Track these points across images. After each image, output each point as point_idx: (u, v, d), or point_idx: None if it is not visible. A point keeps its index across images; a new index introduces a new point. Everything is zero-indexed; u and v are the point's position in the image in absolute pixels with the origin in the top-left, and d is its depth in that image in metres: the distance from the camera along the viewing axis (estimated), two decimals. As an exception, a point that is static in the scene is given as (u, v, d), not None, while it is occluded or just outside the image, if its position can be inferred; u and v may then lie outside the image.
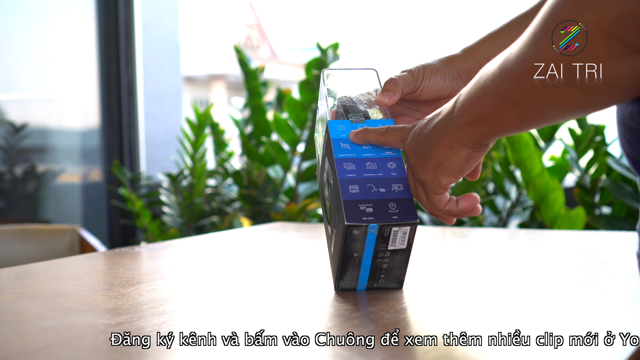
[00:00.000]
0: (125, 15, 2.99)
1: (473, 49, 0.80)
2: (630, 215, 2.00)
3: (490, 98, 0.62)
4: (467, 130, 0.65)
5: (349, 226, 0.69)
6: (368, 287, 0.75)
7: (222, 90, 11.60)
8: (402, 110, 0.82)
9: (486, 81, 0.62)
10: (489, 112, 0.63)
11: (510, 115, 0.62)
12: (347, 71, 0.83)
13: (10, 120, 2.98)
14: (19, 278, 0.89)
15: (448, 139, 0.66)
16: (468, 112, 0.64)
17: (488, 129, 0.64)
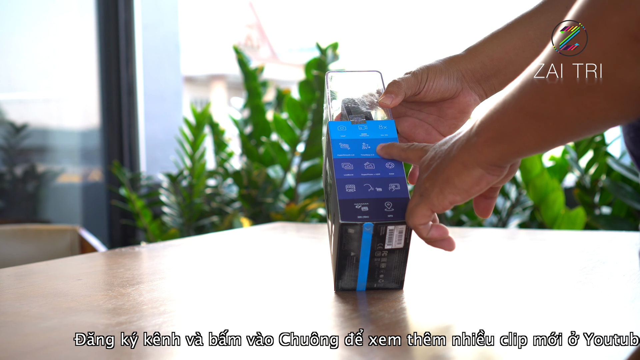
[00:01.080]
0: (125, 15, 2.99)
1: (477, 49, 0.79)
2: (630, 216, 2.00)
3: (510, 112, 0.59)
4: (483, 149, 0.63)
5: (344, 224, 0.70)
6: (368, 287, 0.75)
7: (222, 90, 11.60)
8: (405, 111, 0.82)
9: (507, 96, 0.60)
10: (508, 127, 0.60)
11: (531, 130, 0.59)
12: (351, 73, 0.84)
13: (11, 120, 2.98)
14: (19, 278, 0.90)
15: (463, 155, 0.65)
16: (486, 128, 0.62)
17: (506, 147, 0.62)
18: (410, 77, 0.78)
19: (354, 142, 0.77)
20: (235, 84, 10.44)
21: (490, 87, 0.80)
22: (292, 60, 10.44)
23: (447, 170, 0.66)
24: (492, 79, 0.79)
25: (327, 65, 2.35)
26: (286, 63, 10.77)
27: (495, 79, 0.79)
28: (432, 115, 0.81)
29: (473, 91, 0.79)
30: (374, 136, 0.77)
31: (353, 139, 0.77)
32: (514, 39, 0.78)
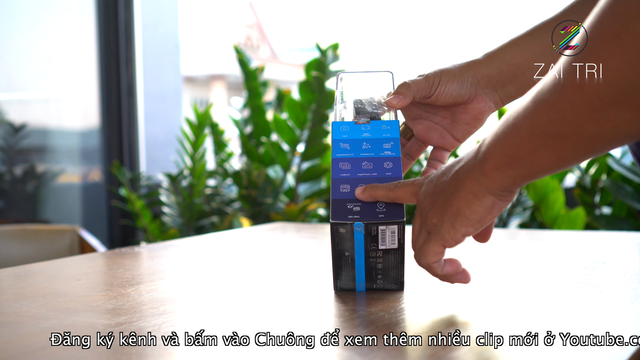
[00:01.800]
0: (125, 15, 2.99)
1: (495, 54, 0.78)
2: (630, 216, 2.00)
3: (522, 134, 0.56)
4: (494, 175, 0.60)
5: (334, 224, 0.70)
6: (367, 287, 0.75)
7: (222, 91, 11.60)
8: (420, 113, 0.81)
9: (517, 118, 0.56)
10: (521, 151, 0.56)
11: (547, 152, 0.55)
12: (362, 74, 0.84)
13: (10, 120, 2.98)
14: (19, 278, 0.89)
15: (472, 185, 0.61)
16: (496, 153, 0.59)
17: (519, 171, 0.58)
18: (422, 80, 0.77)
19: (355, 142, 0.77)
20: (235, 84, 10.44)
21: (506, 94, 0.78)
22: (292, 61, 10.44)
23: (456, 202, 0.63)
24: (508, 86, 0.77)
25: (327, 66, 2.35)
26: (286, 63, 10.77)
27: (512, 86, 0.77)
28: (446, 119, 0.80)
29: (488, 98, 0.78)
30: (375, 136, 0.77)
31: (354, 139, 0.77)
32: (533, 45, 0.76)
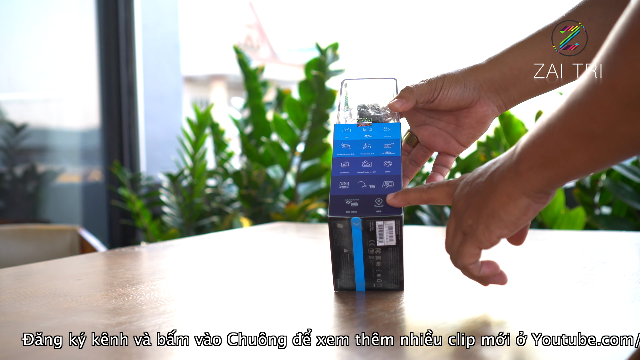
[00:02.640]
0: (125, 15, 2.99)
1: (497, 59, 0.78)
2: (630, 216, 2.00)
3: (556, 135, 0.56)
4: (529, 176, 0.60)
5: (332, 219, 0.70)
6: (367, 287, 0.75)
7: (222, 91, 11.60)
8: (424, 119, 0.82)
9: (550, 120, 0.57)
10: (555, 152, 0.57)
11: (580, 153, 0.55)
12: (366, 81, 0.84)
13: (11, 120, 2.98)
14: (19, 278, 0.89)
15: (507, 186, 0.62)
16: (530, 155, 0.59)
17: (553, 172, 0.58)
18: (424, 84, 0.77)
19: (356, 143, 0.77)
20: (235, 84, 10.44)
21: (509, 98, 0.78)
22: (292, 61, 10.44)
23: (491, 204, 0.63)
24: (511, 89, 0.77)
25: (327, 66, 2.35)
26: (286, 63, 10.77)
27: (515, 90, 0.77)
28: (450, 124, 0.80)
29: (491, 101, 0.78)
30: (376, 137, 0.77)
31: (355, 140, 0.77)
32: (535, 49, 0.76)
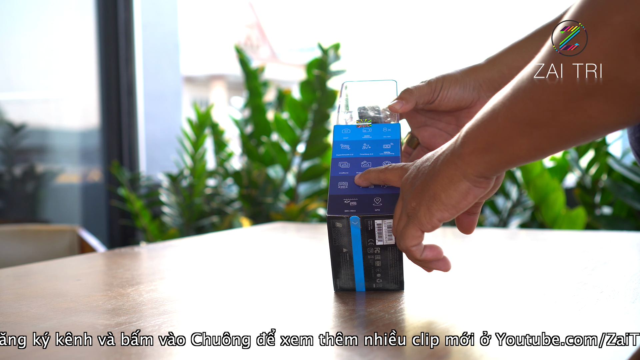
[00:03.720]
0: (125, 15, 2.99)
1: (496, 59, 0.78)
2: (631, 216, 2.00)
3: (500, 121, 0.57)
4: (470, 159, 0.61)
5: (331, 218, 0.70)
6: (367, 287, 0.75)
7: (221, 90, 11.60)
8: (425, 120, 0.82)
9: (496, 105, 0.58)
10: (497, 136, 0.58)
11: (522, 139, 0.56)
12: (366, 83, 0.84)
13: (10, 120, 2.98)
14: (18, 278, 0.89)
15: (449, 169, 0.63)
16: (473, 139, 0.60)
17: (495, 157, 0.59)
18: (424, 86, 0.78)
19: (355, 144, 0.77)
20: (234, 84, 10.44)
21: None
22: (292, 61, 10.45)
23: (433, 187, 0.64)
24: None
25: (329, 65, 2.35)
26: (286, 63, 10.78)
27: None
28: (451, 124, 0.81)
29: None
30: (376, 137, 0.77)
31: (355, 141, 0.77)
32: (534, 48, 0.76)
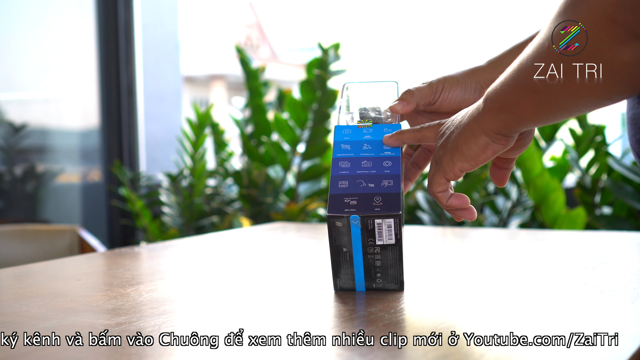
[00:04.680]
0: (125, 15, 2.99)
1: (497, 60, 0.80)
2: (631, 216, 2.00)
3: (511, 84, 0.63)
4: (488, 117, 0.66)
5: (331, 217, 0.70)
6: (367, 287, 0.75)
7: (221, 91, 11.60)
8: (425, 121, 0.82)
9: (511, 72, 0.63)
10: (509, 99, 0.64)
11: (527, 103, 0.62)
12: (368, 84, 0.85)
13: (10, 120, 2.98)
14: (19, 278, 0.89)
15: (471, 124, 0.68)
16: (491, 100, 0.66)
17: (507, 116, 0.65)
18: (425, 87, 0.79)
19: (356, 144, 0.77)
20: (234, 84, 10.44)
21: None
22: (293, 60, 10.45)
23: (457, 139, 0.69)
24: None
25: (329, 65, 2.35)
26: (286, 63, 10.78)
27: None
28: None
29: None
30: (377, 138, 0.77)
31: (355, 141, 0.77)
32: None
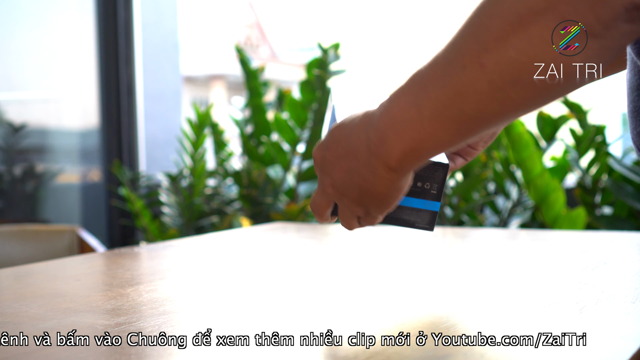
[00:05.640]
0: (125, 15, 2.99)
1: None
2: (631, 216, 2.00)
3: (426, 122, 0.56)
4: (402, 165, 0.61)
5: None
6: None
7: (221, 90, 11.61)
8: None
9: (414, 100, 0.57)
10: (425, 138, 0.58)
11: (449, 133, 0.57)
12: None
13: (10, 120, 2.98)
14: (18, 278, 0.89)
15: (381, 177, 0.63)
16: (399, 147, 0.59)
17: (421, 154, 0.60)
18: None
19: None
20: (234, 84, 10.44)
21: None
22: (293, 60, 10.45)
23: (373, 196, 0.63)
24: None
25: (329, 65, 2.34)
26: (286, 63, 10.78)
27: None
28: None
29: None
30: None
31: None
32: None
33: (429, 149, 0.59)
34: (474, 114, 0.54)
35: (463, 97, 0.54)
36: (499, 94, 0.52)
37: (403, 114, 0.58)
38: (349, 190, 0.64)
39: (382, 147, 0.60)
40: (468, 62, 0.53)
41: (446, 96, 0.55)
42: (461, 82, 0.53)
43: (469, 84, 0.53)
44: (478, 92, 0.53)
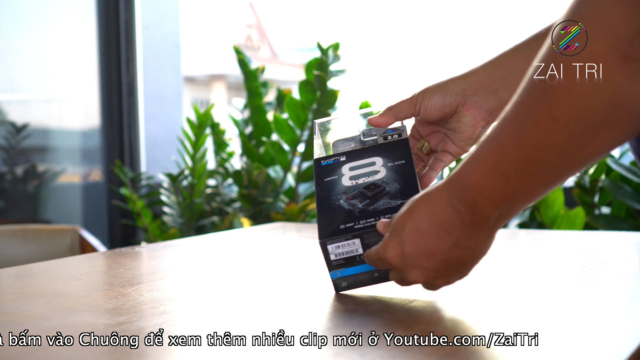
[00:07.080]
0: (126, 15, 2.99)
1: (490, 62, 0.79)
2: (629, 215, 2.00)
3: (512, 180, 0.59)
4: (498, 224, 0.64)
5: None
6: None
7: (222, 91, 11.60)
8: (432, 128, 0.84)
9: (497, 166, 0.60)
10: (516, 195, 0.61)
11: (538, 187, 0.59)
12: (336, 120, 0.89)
13: (12, 120, 2.98)
14: (19, 278, 0.90)
15: (485, 242, 0.67)
16: (492, 204, 0.62)
17: (516, 209, 0.63)
18: (405, 101, 0.81)
19: None
20: (235, 84, 10.43)
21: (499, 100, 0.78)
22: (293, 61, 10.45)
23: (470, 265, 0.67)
24: (501, 91, 0.78)
25: (328, 66, 2.35)
26: (286, 63, 10.77)
27: (505, 92, 0.78)
28: (450, 130, 0.82)
29: (478, 105, 0.78)
30: None
31: None
32: (528, 50, 0.76)
33: (522, 203, 0.61)
34: (559, 164, 0.56)
35: (545, 151, 0.56)
36: (581, 142, 0.54)
37: (488, 182, 0.60)
38: (448, 270, 0.67)
39: (477, 215, 0.62)
40: (541, 118, 0.54)
41: (527, 154, 0.57)
42: (538, 137, 0.55)
43: (548, 135, 0.55)
44: (559, 143, 0.54)
